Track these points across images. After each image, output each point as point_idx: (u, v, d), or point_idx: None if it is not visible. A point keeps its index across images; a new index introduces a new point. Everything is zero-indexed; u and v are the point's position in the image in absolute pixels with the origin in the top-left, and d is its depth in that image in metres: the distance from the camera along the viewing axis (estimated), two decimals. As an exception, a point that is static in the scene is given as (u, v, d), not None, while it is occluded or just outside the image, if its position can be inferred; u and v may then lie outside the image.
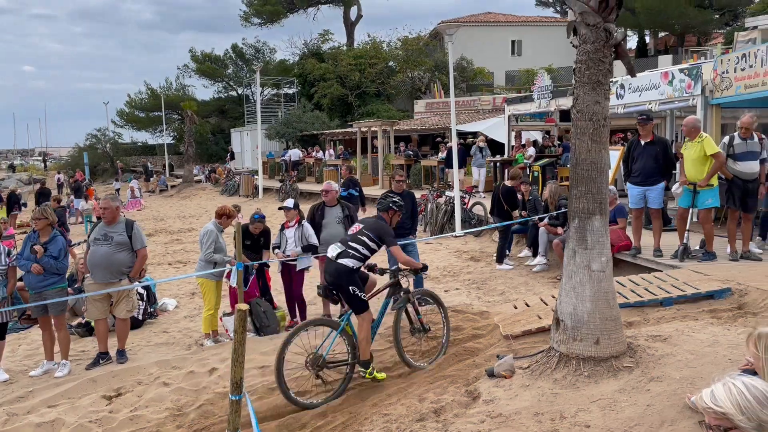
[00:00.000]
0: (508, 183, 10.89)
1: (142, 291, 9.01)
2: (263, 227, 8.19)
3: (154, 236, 18.88)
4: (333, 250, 5.66)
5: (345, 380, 5.54)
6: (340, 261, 5.55)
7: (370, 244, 5.70)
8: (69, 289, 7.81)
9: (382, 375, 5.67)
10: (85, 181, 30.17)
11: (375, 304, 5.92)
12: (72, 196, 26.22)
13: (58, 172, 41.17)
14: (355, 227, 5.93)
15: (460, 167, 17.25)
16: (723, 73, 9.69)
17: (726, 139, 7.90)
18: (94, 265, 6.79)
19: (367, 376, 5.54)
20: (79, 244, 7.33)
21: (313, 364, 5.40)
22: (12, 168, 59.60)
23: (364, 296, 5.62)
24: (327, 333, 5.57)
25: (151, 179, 36.02)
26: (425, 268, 6.18)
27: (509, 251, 10.97)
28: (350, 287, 5.51)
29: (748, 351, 2.99)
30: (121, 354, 7.07)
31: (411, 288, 6.26)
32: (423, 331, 6.07)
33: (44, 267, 6.64)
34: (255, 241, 8.15)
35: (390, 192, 8.17)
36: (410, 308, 6.02)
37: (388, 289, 6.10)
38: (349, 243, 5.66)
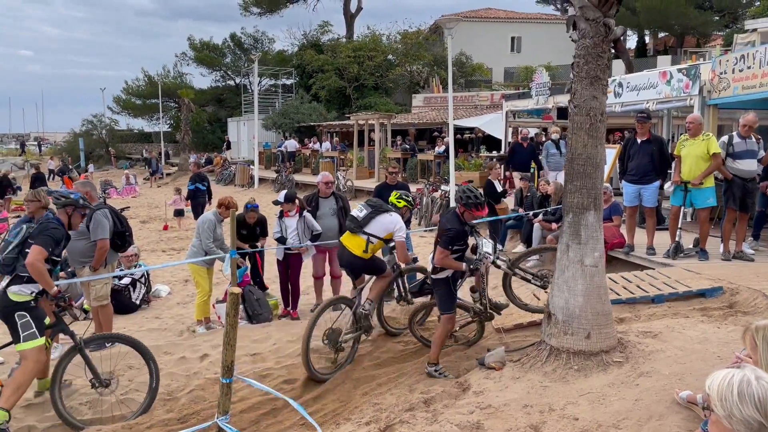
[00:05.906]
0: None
1: (143, 275, 9.18)
2: (257, 216, 8.15)
3: (148, 223, 18.83)
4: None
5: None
6: None
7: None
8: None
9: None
10: (66, 167, 29.82)
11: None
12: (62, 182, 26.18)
13: (51, 158, 40.82)
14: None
15: (526, 169, 13.15)
16: (721, 73, 9.69)
17: (725, 138, 7.90)
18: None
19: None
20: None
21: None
22: (23, 148, 58.40)
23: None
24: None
25: (156, 174, 33.45)
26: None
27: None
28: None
29: (746, 345, 3.03)
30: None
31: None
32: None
33: None
34: (251, 230, 8.12)
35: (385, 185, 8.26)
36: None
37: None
38: None
